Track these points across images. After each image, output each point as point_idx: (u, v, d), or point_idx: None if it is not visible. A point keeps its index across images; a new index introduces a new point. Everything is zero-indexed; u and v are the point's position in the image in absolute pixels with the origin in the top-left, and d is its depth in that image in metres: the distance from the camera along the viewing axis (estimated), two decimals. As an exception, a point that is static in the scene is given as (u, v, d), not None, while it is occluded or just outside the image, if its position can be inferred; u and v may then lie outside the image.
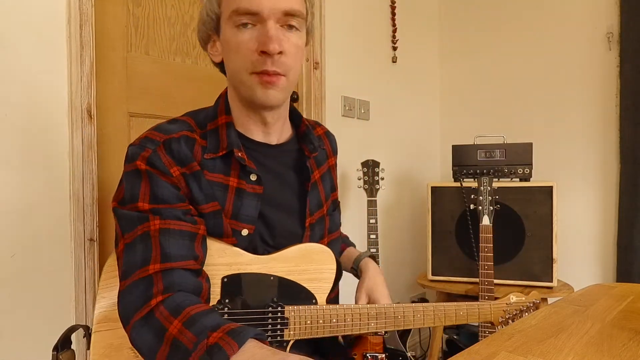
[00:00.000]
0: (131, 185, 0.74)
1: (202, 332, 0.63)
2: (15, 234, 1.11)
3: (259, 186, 0.81)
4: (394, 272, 2.37)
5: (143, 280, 0.69)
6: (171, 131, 0.78)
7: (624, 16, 2.02)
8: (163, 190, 0.74)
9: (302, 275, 0.84)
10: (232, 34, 0.76)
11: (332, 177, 1.00)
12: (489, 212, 1.65)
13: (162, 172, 0.74)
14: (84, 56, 1.21)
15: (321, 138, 0.99)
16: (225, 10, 0.77)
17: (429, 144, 2.64)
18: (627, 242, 2.00)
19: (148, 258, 0.70)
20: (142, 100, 1.43)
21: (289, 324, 0.80)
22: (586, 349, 0.68)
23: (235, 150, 0.80)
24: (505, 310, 1.00)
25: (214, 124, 0.83)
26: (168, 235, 0.72)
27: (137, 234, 0.72)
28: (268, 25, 0.74)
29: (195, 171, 0.77)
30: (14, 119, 1.11)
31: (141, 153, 0.75)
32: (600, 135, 2.12)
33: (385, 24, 2.28)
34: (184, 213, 0.75)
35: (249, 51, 0.75)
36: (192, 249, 0.73)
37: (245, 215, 0.80)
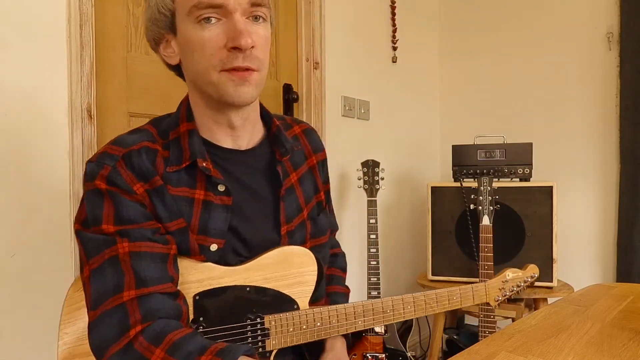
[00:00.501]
0: (92, 206, 0.69)
1: (188, 358, 0.60)
2: (15, 234, 1.11)
3: (227, 197, 0.75)
4: (394, 272, 2.37)
5: (117, 309, 0.64)
6: (130, 143, 0.72)
7: (624, 16, 2.02)
8: (128, 209, 0.68)
9: (281, 281, 0.79)
10: (193, 31, 0.69)
11: (314, 178, 0.91)
12: (489, 212, 1.65)
13: (124, 190, 0.69)
14: (84, 56, 1.21)
15: (298, 137, 0.91)
16: (182, 6, 0.69)
17: (429, 144, 2.63)
18: (627, 242, 1.99)
19: (121, 284, 0.65)
20: (142, 100, 1.43)
21: (269, 333, 0.77)
22: (586, 349, 0.68)
23: (199, 160, 0.73)
24: (501, 289, 0.94)
25: (175, 133, 0.76)
26: (140, 259, 0.67)
27: (105, 258, 0.67)
28: (235, 18, 0.68)
29: (157, 187, 0.71)
30: (14, 118, 1.11)
31: (100, 171, 0.69)
32: (600, 135, 2.12)
33: (385, 24, 2.28)
34: (152, 233, 0.69)
35: (216, 48, 0.69)
36: (166, 271, 0.68)
37: (214, 229, 0.74)
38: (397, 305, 0.86)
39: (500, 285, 0.95)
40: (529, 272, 0.98)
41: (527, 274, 0.97)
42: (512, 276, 0.96)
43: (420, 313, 0.87)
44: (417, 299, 0.87)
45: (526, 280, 0.97)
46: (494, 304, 0.94)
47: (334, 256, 1.03)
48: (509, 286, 0.95)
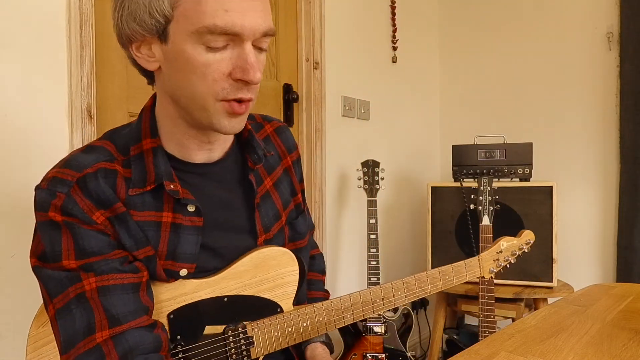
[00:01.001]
0: (50, 240, 0.62)
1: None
2: (15, 234, 1.11)
3: (198, 217, 0.70)
4: (394, 272, 2.37)
5: (91, 353, 0.59)
6: (84, 165, 0.65)
7: (624, 16, 2.02)
8: (90, 241, 0.62)
9: (261, 285, 0.75)
10: (195, 52, 0.62)
11: (291, 180, 0.86)
12: (489, 212, 1.65)
13: (82, 220, 0.62)
14: (84, 56, 1.21)
15: (269, 138, 0.84)
16: (187, 20, 0.61)
17: (429, 144, 2.64)
18: (627, 242, 2.00)
19: (92, 324, 0.60)
20: (142, 100, 1.42)
21: (254, 342, 0.73)
22: (586, 349, 0.68)
23: (166, 183, 0.67)
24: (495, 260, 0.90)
25: (137, 149, 0.69)
26: (109, 294, 0.61)
27: (70, 297, 0.61)
28: (247, 49, 0.62)
29: (120, 213, 0.65)
30: (14, 119, 1.11)
31: (52, 201, 0.61)
32: (600, 135, 2.12)
33: (385, 24, 2.28)
34: (121, 263, 0.64)
35: (219, 75, 0.63)
36: (139, 302, 0.63)
37: (183, 254, 0.69)
38: (386, 292, 0.82)
39: (495, 257, 0.91)
40: (524, 239, 0.94)
41: (522, 240, 0.94)
42: (507, 245, 0.92)
43: (412, 297, 0.84)
44: (407, 282, 0.83)
45: (521, 247, 0.93)
46: (488, 276, 0.91)
47: (312, 258, 0.99)
48: (503, 256, 0.92)
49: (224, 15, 0.60)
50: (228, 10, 0.60)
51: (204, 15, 0.60)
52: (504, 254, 0.92)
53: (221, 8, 0.60)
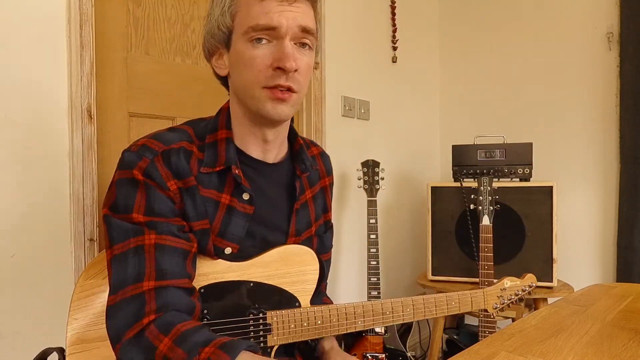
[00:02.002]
0: (125, 194, 0.72)
1: (193, 349, 0.62)
2: (15, 234, 1.11)
3: (250, 206, 0.80)
4: (394, 272, 2.37)
5: (136, 298, 0.68)
6: (170, 141, 0.77)
7: (624, 16, 2.02)
8: (159, 203, 0.72)
9: (284, 278, 0.82)
10: (245, 48, 0.75)
11: (325, 199, 0.98)
12: (489, 212, 1.65)
13: (159, 185, 0.73)
14: (84, 56, 1.21)
15: (315, 158, 0.97)
16: (240, 25, 0.76)
17: (429, 144, 2.64)
18: (627, 242, 1.99)
19: (142, 274, 0.68)
20: (142, 100, 1.43)
21: (271, 329, 0.79)
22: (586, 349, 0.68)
23: (233, 167, 0.78)
24: (499, 297, 0.96)
25: (213, 137, 0.81)
26: (163, 251, 0.70)
27: (130, 247, 0.70)
28: (285, 43, 0.74)
29: (191, 186, 0.76)
30: (14, 119, 1.11)
31: (138, 162, 0.72)
32: (600, 135, 2.12)
33: (385, 24, 2.28)
34: (178, 229, 0.73)
35: (263, 66, 0.74)
36: (185, 267, 0.72)
37: (231, 234, 0.79)
38: (396, 307, 0.87)
39: (499, 293, 0.96)
40: (527, 282, 0.99)
41: (525, 282, 0.99)
42: (510, 284, 0.97)
43: (419, 316, 0.88)
44: (417, 302, 0.88)
45: (524, 289, 0.99)
46: (492, 311, 0.95)
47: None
48: (507, 294, 0.97)
49: (264, 16, 0.73)
50: (268, 13, 0.73)
51: (250, 19, 0.74)
52: (507, 292, 0.97)
53: (262, 11, 0.74)
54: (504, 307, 0.96)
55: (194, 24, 1.56)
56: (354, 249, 2.10)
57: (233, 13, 0.76)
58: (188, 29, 1.55)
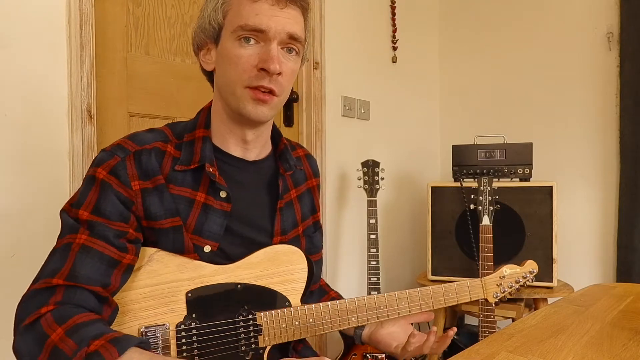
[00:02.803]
0: (82, 191, 0.74)
1: (83, 340, 0.62)
2: (15, 234, 1.11)
3: (227, 203, 0.80)
4: (394, 272, 2.37)
5: (44, 290, 0.68)
6: (145, 142, 0.78)
7: (624, 16, 2.02)
8: (108, 204, 0.72)
9: (272, 279, 0.81)
10: (232, 46, 0.77)
11: (312, 199, 0.98)
12: (489, 212, 1.65)
13: (121, 182, 0.73)
14: (84, 56, 1.21)
15: (300, 159, 0.98)
16: (230, 23, 0.77)
17: (429, 144, 2.64)
18: (627, 242, 1.99)
19: (57, 269, 0.69)
20: (142, 100, 1.43)
21: (262, 330, 0.78)
22: (586, 349, 0.68)
23: (207, 165, 0.78)
24: (499, 285, 0.93)
25: (190, 136, 0.82)
26: (87, 254, 0.69)
27: (62, 243, 0.71)
28: (272, 46, 0.76)
29: (158, 185, 0.76)
30: (14, 119, 1.11)
31: (108, 160, 0.74)
32: (600, 135, 2.12)
33: (385, 24, 2.28)
34: (116, 235, 0.72)
35: (248, 65, 0.76)
36: (105, 275, 0.70)
37: (209, 232, 0.78)
38: (390, 301, 0.85)
39: (498, 282, 0.93)
40: (527, 268, 0.96)
41: (526, 269, 0.96)
42: (510, 272, 0.94)
43: (415, 309, 0.87)
44: (412, 294, 0.87)
45: (525, 276, 0.95)
46: (492, 300, 0.92)
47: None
48: (507, 282, 0.93)
49: (254, 17, 0.75)
50: (258, 14, 0.75)
51: (240, 17, 0.75)
52: (507, 280, 0.94)
53: (253, 12, 0.75)
54: (505, 295, 0.93)
55: (194, 23, 1.56)
56: (354, 249, 2.10)
57: (225, 10, 0.78)
58: (188, 29, 1.55)
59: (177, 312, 0.75)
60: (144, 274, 0.74)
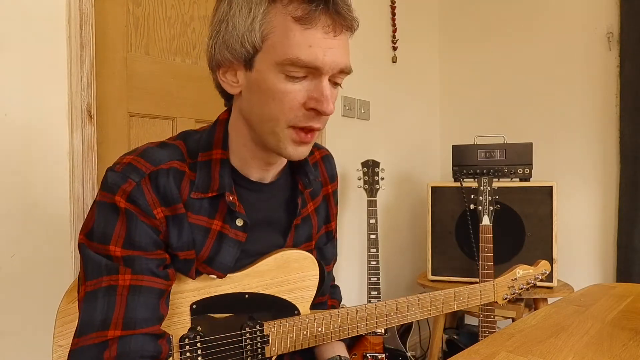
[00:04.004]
0: (104, 222, 0.65)
1: None
2: (15, 234, 1.11)
3: (243, 233, 0.74)
4: (394, 272, 2.37)
5: (98, 345, 0.62)
6: (160, 161, 0.69)
7: (624, 16, 2.02)
8: (141, 235, 0.65)
9: (281, 287, 0.78)
10: (277, 80, 0.66)
11: (327, 208, 0.91)
12: (489, 212, 1.64)
13: (143, 212, 0.65)
14: (84, 56, 1.21)
15: (317, 164, 0.90)
16: (274, 51, 0.65)
17: (429, 144, 2.63)
18: (627, 242, 1.99)
19: (109, 320, 0.63)
20: (142, 100, 1.43)
21: (269, 341, 0.75)
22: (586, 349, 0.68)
23: (227, 194, 0.72)
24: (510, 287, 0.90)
25: (206, 156, 0.73)
26: (137, 294, 0.64)
27: (102, 285, 0.63)
28: (324, 83, 0.67)
29: (179, 214, 0.69)
30: (14, 119, 1.11)
31: (122, 185, 0.65)
32: (600, 136, 2.12)
33: (385, 24, 2.28)
34: (157, 265, 0.67)
35: (295, 103, 0.66)
36: (158, 309, 0.66)
37: (220, 262, 0.73)
38: (401, 307, 0.83)
39: (510, 284, 0.91)
40: (540, 269, 0.94)
41: (538, 270, 0.94)
42: (523, 273, 0.92)
43: (425, 315, 0.84)
44: (423, 300, 0.84)
45: (537, 277, 0.93)
46: (501, 302, 0.90)
47: (333, 287, 1.03)
48: (518, 284, 0.91)
49: (307, 50, 0.64)
50: (312, 46, 0.64)
51: (289, 49, 0.64)
52: (519, 282, 0.91)
53: (305, 43, 0.64)
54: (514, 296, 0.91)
55: (194, 23, 1.56)
56: (354, 249, 2.10)
57: (265, 33, 0.65)
58: (188, 29, 1.55)
59: (181, 324, 0.72)
60: None
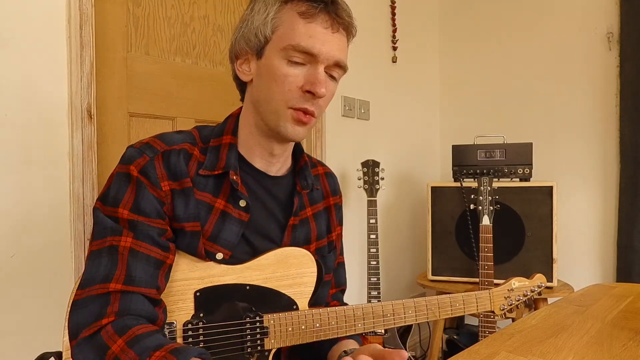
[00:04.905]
0: (117, 188, 0.73)
1: (144, 352, 0.62)
2: (15, 234, 1.11)
3: (245, 213, 0.80)
4: (394, 272, 2.37)
5: (100, 297, 0.68)
6: (174, 142, 0.78)
7: (624, 16, 2.02)
8: (146, 202, 0.72)
9: (281, 281, 0.81)
10: (280, 64, 0.76)
11: (328, 218, 0.97)
12: (489, 212, 1.65)
13: (152, 183, 0.73)
14: (84, 56, 1.21)
15: (319, 178, 0.97)
16: (280, 40, 0.76)
17: (429, 144, 2.64)
18: (627, 242, 2.00)
19: (111, 275, 0.69)
20: (142, 100, 1.43)
21: (268, 332, 0.78)
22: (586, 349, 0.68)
23: (231, 172, 0.79)
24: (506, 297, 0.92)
25: (217, 141, 0.82)
26: (136, 258, 0.70)
27: (106, 245, 0.71)
28: (319, 69, 0.76)
29: (186, 187, 0.76)
30: (14, 119, 1.11)
31: (138, 159, 0.74)
32: (600, 135, 2.12)
33: (385, 24, 2.28)
34: (159, 234, 0.73)
35: (294, 86, 0.76)
36: (155, 277, 0.71)
37: (224, 240, 0.78)
38: (397, 309, 0.85)
39: (506, 294, 0.92)
40: (536, 282, 0.95)
41: (534, 283, 0.95)
42: (518, 285, 0.93)
43: (421, 318, 0.87)
44: (419, 304, 0.86)
45: (533, 290, 0.95)
46: (499, 313, 0.92)
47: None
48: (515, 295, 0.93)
49: (307, 39, 0.75)
50: (312, 37, 0.75)
51: (293, 36, 0.75)
52: (515, 293, 0.93)
53: (307, 33, 0.75)
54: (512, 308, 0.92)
55: (193, 23, 1.56)
56: (354, 249, 2.10)
57: (275, 25, 0.76)
58: (188, 29, 1.55)
59: (185, 310, 0.75)
60: None
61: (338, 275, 1.01)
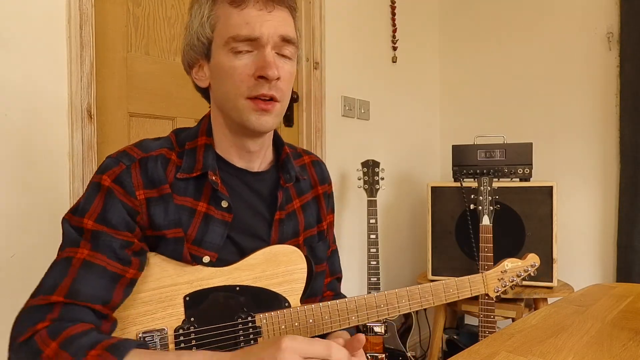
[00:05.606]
0: (87, 198, 0.72)
1: (79, 352, 0.60)
2: (15, 234, 1.11)
3: (228, 214, 0.79)
4: (394, 272, 2.37)
5: (42, 307, 0.66)
6: (151, 149, 0.76)
7: (624, 16, 2.02)
8: (114, 213, 0.70)
9: (271, 280, 0.80)
10: (226, 59, 0.75)
11: (318, 208, 0.94)
12: (489, 212, 1.65)
13: (126, 192, 0.72)
14: (84, 56, 1.21)
15: (305, 167, 0.95)
16: (220, 36, 0.75)
17: (429, 144, 2.64)
18: (627, 242, 1.99)
19: (56, 285, 0.67)
20: (142, 100, 1.43)
21: (261, 332, 0.77)
22: (586, 349, 0.68)
23: (210, 172, 0.77)
24: (500, 279, 0.92)
25: (192, 144, 0.80)
26: (89, 270, 0.67)
27: (62, 257, 0.69)
28: (266, 51, 0.74)
29: (164, 194, 0.74)
30: (14, 119, 1.11)
31: (113, 167, 0.72)
32: (600, 135, 2.12)
33: (385, 24, 2.28)
34: (122, 246, 0.70)
35: (245, 76, 0.74)
36: (110, 290, 0.68)
37: (209, 242, 0.77)
38: (391, 299, 0.85)
39: (499, 276, 0.92)
40: (529, 261, 0.95)
41: (527, 263, 0.95)
42: (511, 266, 0.93)
43: (415, 306, 0.86)
44: (412, 292, 0.86)
45: (526, 270, 0.94)
46: (493, 295, 0.92)
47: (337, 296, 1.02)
48: (508, 276, 0.93)
49: (245, 26, 0.73)
50: (248, 22, 0.73)
51: (231, 28, 0.74)
52: (508, 274, 0.93)
53: (243, 21, 0.73)
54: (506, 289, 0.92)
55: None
56: (354, 249, 2.10)
57: (212, 24, 0.76)
58: (188, 29, 1.55)
59: (176, 316, 0.74)
60: (141, 279, 0.73)
61: (332, 263, 0.99)
